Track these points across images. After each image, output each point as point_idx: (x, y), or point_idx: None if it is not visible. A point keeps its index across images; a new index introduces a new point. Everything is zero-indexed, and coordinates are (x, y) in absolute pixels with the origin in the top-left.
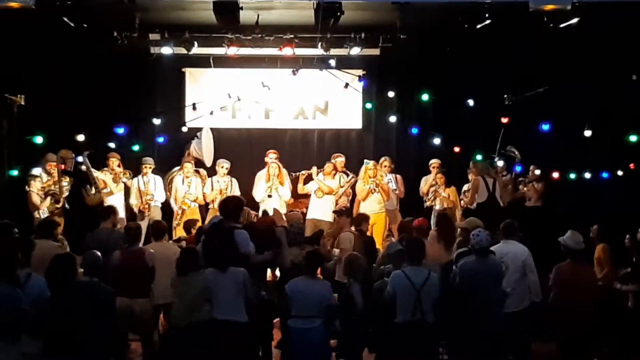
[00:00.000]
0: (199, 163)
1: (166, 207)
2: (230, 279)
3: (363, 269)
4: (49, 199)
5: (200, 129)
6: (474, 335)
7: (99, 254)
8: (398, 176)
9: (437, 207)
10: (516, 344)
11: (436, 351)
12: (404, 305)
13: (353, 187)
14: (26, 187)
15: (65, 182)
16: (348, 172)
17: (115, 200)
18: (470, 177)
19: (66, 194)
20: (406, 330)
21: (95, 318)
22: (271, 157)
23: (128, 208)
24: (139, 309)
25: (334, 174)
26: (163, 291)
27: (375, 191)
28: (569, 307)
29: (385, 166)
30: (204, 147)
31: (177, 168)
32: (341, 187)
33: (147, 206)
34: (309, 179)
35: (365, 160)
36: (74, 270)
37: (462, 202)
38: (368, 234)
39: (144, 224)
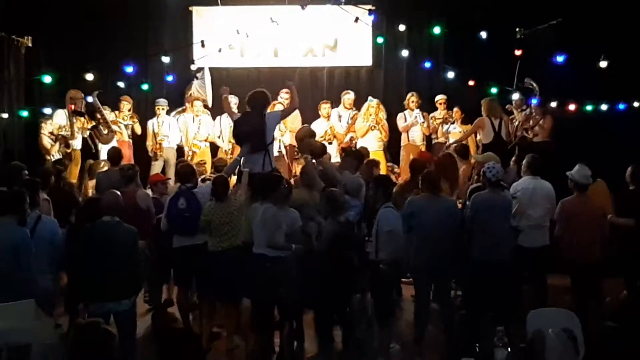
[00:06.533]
0: None
1: (180, 149)
2: (271, 214)
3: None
4: (57, 143)
5: (200, 69)
6: (481, 267)
7: (118, 193)
8: (424, 114)
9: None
10: (534, 279)
11: None
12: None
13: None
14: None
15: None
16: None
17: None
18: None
19: (78, 136)
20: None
21: (117, 257)
22: (283, 96)
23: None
24: None
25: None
26: None
27: (375, 128)
28: (576, 240)
29: (412, 102)
30: (207, 87)
31: (179, 109)
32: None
33: (158, 146)
34: None
35: (369, 98)
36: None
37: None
38: None
39: (158, 165)
